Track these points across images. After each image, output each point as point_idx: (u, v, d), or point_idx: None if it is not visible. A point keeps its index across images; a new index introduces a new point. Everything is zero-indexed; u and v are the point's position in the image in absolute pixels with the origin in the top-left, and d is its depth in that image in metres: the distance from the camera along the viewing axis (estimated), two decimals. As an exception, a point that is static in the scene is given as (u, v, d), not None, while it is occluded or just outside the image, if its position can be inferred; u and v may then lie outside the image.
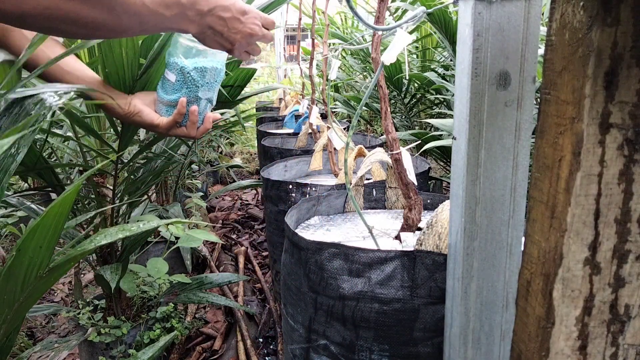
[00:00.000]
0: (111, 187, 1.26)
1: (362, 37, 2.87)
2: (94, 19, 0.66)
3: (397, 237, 1.02)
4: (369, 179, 1.33)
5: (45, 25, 0.64)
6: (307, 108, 2.21)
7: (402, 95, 2.50)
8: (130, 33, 0.73)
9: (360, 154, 1.27)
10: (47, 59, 0.85)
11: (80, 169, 1.42)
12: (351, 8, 0.73)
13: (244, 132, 4.66)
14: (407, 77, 2.25)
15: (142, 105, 0.97)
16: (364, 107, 2.89)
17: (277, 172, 1.73)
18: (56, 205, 0.59)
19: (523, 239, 0.50)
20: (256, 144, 3.80)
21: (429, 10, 0.85)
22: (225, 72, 1.11)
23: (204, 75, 0.95)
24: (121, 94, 0.98)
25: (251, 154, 4.66)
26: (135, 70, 1.00)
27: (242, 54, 0.87)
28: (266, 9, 1.42)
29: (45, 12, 0.62)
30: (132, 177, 1.35)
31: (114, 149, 1.18)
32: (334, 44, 3.04)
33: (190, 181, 2.69)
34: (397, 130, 2.48)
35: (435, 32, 1.85)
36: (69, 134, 1.36)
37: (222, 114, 1.74)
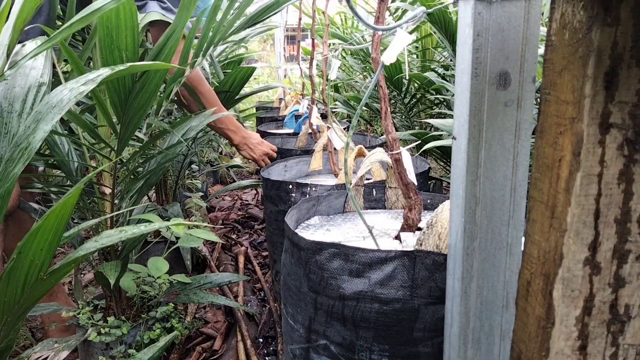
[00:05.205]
0: (110, 186, 1.26)
1: (362, 37, 2.87)
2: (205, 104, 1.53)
3: (397, 237, 1.02)
4: (369, 179, 1.33)
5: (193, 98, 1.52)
6: (307, 108, 2.21)
7: (402, 95, 2.50)
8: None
9: (360, 154, 1.27)
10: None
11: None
12: (351, 8, 0.73)
13: (244, 132, 4.65)
14: (407, 77, 2.25)
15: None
16: (364, 107, 2.89)
17: (277, 172, 1.73)
18: (57, 208, 0.59)
19: (523, 239, 0.50)
20: (256, 144, 3.79)
21: (429, 10, 0.85)
22: (224, 71, 1.19)
23: None
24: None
25: (251, 154, 4.64)
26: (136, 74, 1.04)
27: (260, 162, 1.70)
28: (266, 11, 1.43)
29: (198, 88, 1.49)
30: (131, 176, 1.35)
31: (113, 149, 1.18)
32: (334, 44, 3.03)
33: (190, 181, 2.69)
34: (397, 130, 2.48)
35: (435, 32, 1.85)
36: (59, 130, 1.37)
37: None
